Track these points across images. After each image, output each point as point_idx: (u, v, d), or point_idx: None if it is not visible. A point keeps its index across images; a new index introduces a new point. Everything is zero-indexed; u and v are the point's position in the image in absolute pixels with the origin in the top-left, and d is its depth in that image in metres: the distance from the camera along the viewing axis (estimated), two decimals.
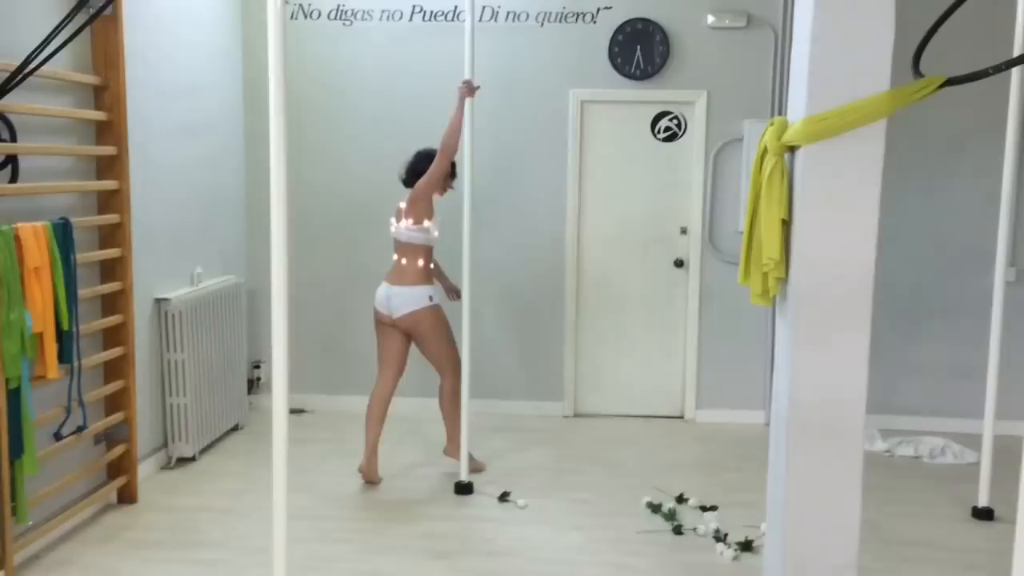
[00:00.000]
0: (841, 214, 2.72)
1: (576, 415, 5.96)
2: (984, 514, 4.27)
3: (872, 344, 2.78)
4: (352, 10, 5.74)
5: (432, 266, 4.69)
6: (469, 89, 4.44)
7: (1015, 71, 4.01)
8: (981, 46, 4.33)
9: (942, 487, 4.74)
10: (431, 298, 4.59)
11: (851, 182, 2.71)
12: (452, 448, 4.75)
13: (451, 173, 4.66)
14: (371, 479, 4.64)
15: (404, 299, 4.54)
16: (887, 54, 2.67)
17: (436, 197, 4.62)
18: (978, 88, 3.41)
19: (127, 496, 4.32)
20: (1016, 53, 3.95)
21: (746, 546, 3.90)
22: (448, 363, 4.66)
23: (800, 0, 2.83)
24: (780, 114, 4.40)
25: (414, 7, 5.70)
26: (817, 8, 2.67)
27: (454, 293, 4.88)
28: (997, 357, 4.19)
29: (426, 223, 4.56)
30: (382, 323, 4.65)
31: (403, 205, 4.62)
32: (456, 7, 5.59)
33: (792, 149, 2.84)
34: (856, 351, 2.75)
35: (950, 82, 2.63)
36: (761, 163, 2.93)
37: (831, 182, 2.72)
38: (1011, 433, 4.97)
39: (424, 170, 4.55)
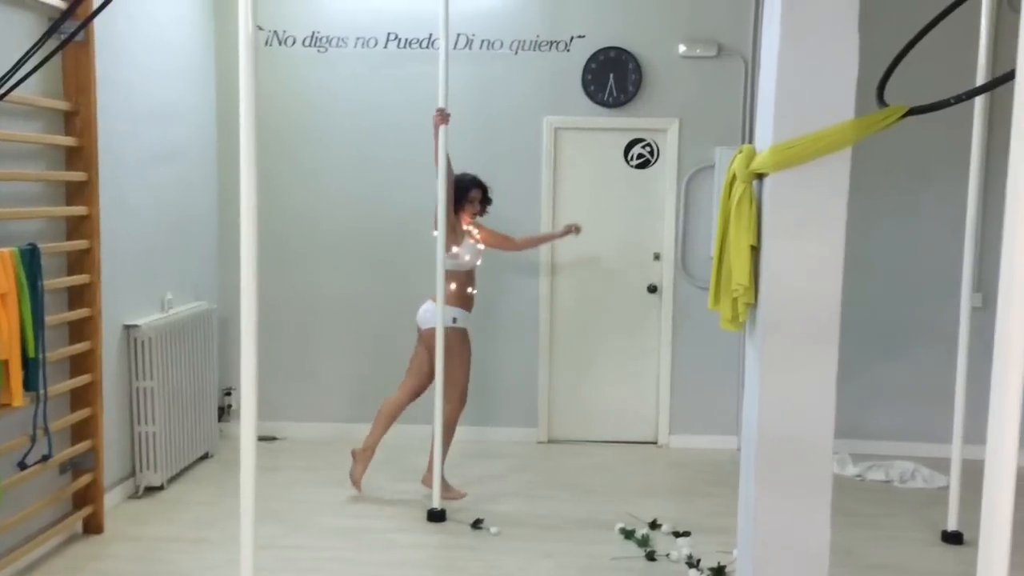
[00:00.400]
0: (808, 241, 2.76)
1: (550, 441, 5.95)
2: (953, 538, 4.30)
3: (841, 369, 2.81)
4: (327, 37, 5.76)
5: (466, 290, 4.78)
6: (442, 118, 4.47)
7: (977, 101, 4.10)
8: (945, 76, 4.42)
9: (912, 511, 4.77)
10: (455, 320, 4.69)
11: (818, 209, 2.75)
12: (429, 476, 4.74)
13: (483, 199, 4.85)
14: (354, 481, 4.77)
15: (432, 314, 4.65)
16: (852, 84, 2.72)
17: (468, 222, 4.80)
18: (942, 117, 3.48)
19: (93, 526, 4.25)
20: (979, 83, 4.03)
21: (719, 572, 3.89)
22: (454, 389, 4.73)
23: (767, 31, 2.88)
24: (750, 142, 4.46)
25: (389, 34, 5.74)
26: (783, 39, 2.72)
27: (566, 230, 5.25)
28: (964, 382, 4.24)
29: (454, 249, 4.67)
30: (418, 334, 4.84)
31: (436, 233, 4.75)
32: (431, 35, 5.63)
33: (760, 176, 2.88)
34: (824, 376, 2.77)
35: (913, 112, 2.68)
36: (730, 190, 2.97)
37: (798, 209, 2.75)
38: (979, 457, 4.95)
39: (457, 197, 4.73)
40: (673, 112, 5.73)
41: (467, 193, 4.78)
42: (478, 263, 4.83)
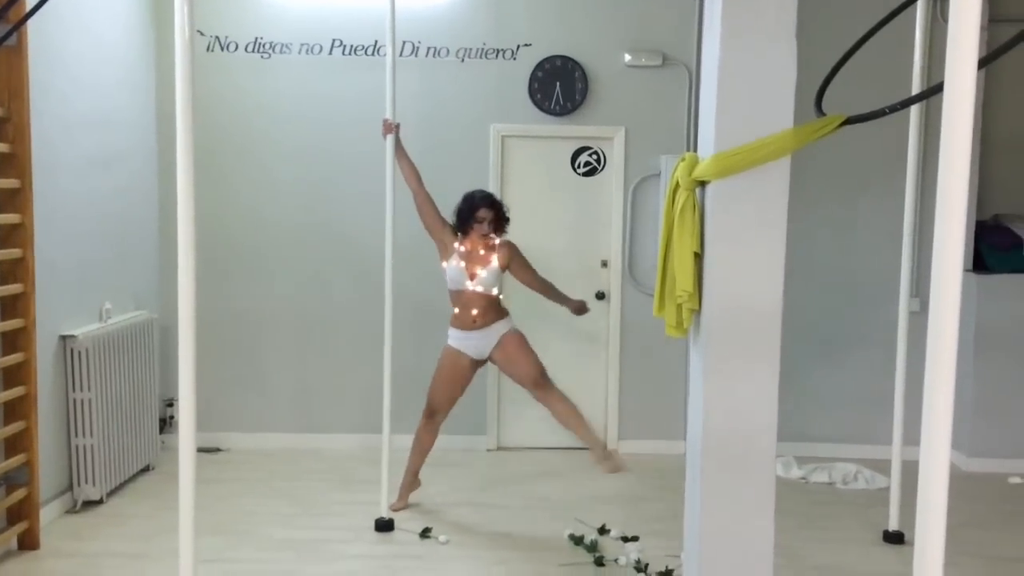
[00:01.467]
0: (749, 247, 2.79)
1: (500, 448, 5.94)
2: (895, 538, 4.39)
3: (784, 374, 2.85)
4: (271, 43, 5.69)
5: (453, 310, 4.67)
6: (387, 128, 4.44)
7: (913, 109, 4.21)
8: (881, 86, 4.53)
9: (855, 512, 4.85)
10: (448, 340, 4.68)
11: (758, 216, 2.79)
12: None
13: (497, 217, 4.60)
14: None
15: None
16: (790, 92, 2.77)
17: (478, 243, 4.60)
18: (879, 126, 3.57)
19: (28, 542, 4.12)
20: (914, 92, 4.14)
21: (667, 575, 3.92)
22: (428, 401, 4.77)
23: (707, 40, 2.92)
24: (695, 150, 4.52)
25: (334, 41, 5.69)
26: (723, 47, 2.76)
27: (576, 306, 4.91)
28: (903, 385, 4.34)
29: (443, 264, 4.60)
30: None
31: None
32: (377, 41, 5.60)
33: (703, 184, 2.91)
34: (766, 381, 2.81)
35: (850, 120, 2.74)
36: (673, 197, 2.99)
37: (739, 216, 2.79)
38: (918, 458, 5.12)
39: (465, 216, 4.59)
40: (619, 120, 5.77)
41: (475, 212, 4.54)
42: (476, 288, 4.54)
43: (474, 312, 4.59)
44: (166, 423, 5.73)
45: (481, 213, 4.55)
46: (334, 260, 5.82)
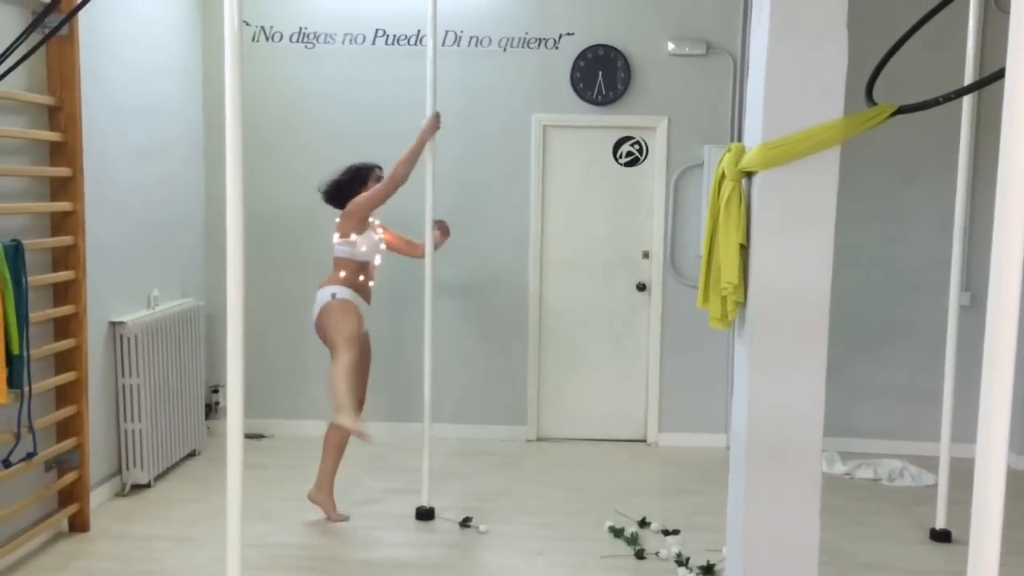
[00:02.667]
0: (797, 239, 2.76)
1: (539, 439, 5.94)
2: (942, 536, 4.32)
3: (830, 368, 2.81)
4: (315, 33, 5.73)
5: (358, 278, 4.47)
6: (436, 122, 4.44)
7: (965, 100, 4.11)
8: (933, 75, 4.44)
9: (900, 509, 4.78)
10: (334, 295, 4.39)
11: (806, 208, 2.74)
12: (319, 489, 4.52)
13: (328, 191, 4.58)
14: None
15: (315, 303, 4.46)
16: (840, 82, 2.72)
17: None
18: (930, 116, 3.49)
19: (79, 524, 4.22)
20: (966, 82, 4.04)
21: (708, 570, 3.89)
22: (333, 347, 4.34)
23: (756, 29, 2.88)
24: (739, 140, 4.46)
25: (377, 31, 5.71)
26: (772, 37, 2.72)
27: (439, 230, 4.66)
28: (952, 380, 4.25)
29: (353, 237, 4.44)
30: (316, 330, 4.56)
31: (337, 219, 4.51)
32: (419, 31, 5.61)
33: (749, 175, 2.88)
34: (813, 374, 2.77)
35: (902, 110, 2.68)
36: (719, 188, 2.96)
37: (787, 207, 2.75)
38: (967, 456, 4.97)
39: (347, 185, 4.52)
40: (662, 110, 5.72)
41: (367, 181, 4.54)
42: (376, 261, 4.53)
43: (371, 284, 4.57)
44: (211, 409, 5.82)
45: (373, 181, 4.57)
46: None
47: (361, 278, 4.50)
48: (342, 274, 4.45)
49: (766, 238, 2.78)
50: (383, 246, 4.58)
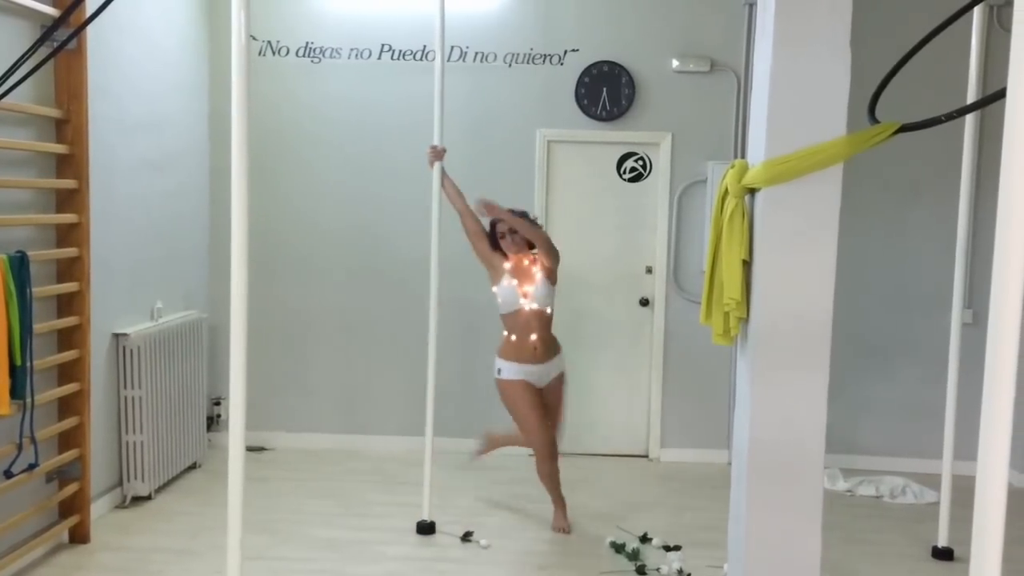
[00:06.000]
0: (800, 255, 2.76)
1: None
2: (944, 554, 4.30)
3: (832, 384, 2.81)
4: (321, 48, 5.76)
5: (511, 338, 4.50)
6: (435, 154, 4.45)
7: (968, 119, 4.12)
8: (936, 93, 4.45)
9: (902, 527, 4.76)
10: (499, 371, 4.50)
11: (809, 224, 2.75)
12: (558, 517, 4.63)
13: (509, 231, 4.45)
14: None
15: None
16: (844, 100, 2.73)
17: (505, 260, 4.50)
18: (934, 134, 3.51)
19: (79, 536, 4.21)
20: (969, 100, 4.06)
21: None
22: (526, 440, 4.62)
23: (760, 46, 2.90)
24: (742, 156, 4.48)
25: (383, 46, 5.74)
26: (776, 54, 2.73)
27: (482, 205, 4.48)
28: (955, 398, 4.25)
29: (493, 289, 4.51)
30: None
31: None
32: (425, 46, 5.64)
33: (752, 191, 2.89)
34: (815, 391, 2.77)
35: (904, 128, 2.69)
36: (722, 204, 2.97)
37: (790, 224, 2.76)
38: (969, 473, 4.95)
39: (492, 237, 4.55)
40: (666, 126, 5.75)
41: (493, 229, 4.50)
42: (531, 306, 4.43)
43: (533, 338, 4.45)
44: (213, 421, 5.82)
45: (499, 227, 4.49)
46: (380, 263, 5.87)
47: (513, 336, 4.46)
48: (503, 333, 4.51)
49: (769, 254, 2.79)
50: (525, 289, 4.44)
